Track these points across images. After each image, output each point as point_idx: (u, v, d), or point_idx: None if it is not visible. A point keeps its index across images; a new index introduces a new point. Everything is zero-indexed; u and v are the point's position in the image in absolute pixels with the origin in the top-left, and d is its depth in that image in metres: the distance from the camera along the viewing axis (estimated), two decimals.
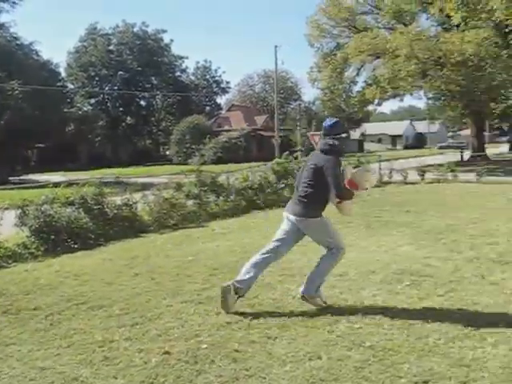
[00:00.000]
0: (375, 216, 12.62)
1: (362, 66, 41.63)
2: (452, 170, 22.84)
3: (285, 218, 6.00)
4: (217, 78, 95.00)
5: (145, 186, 15.09)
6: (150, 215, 12.87)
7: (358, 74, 43.44)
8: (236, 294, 5.69)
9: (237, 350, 4.67)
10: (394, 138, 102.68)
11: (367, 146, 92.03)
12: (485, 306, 5.64)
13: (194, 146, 63.09)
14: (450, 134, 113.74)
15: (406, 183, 22.72)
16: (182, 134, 66.08)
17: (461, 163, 37.38)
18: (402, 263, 7.65)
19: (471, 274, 6.95)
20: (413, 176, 23.41)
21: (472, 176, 22.39)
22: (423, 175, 23.19)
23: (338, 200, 5.80)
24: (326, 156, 5.69)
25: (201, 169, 15.50)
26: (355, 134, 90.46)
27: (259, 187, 16.51)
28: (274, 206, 15.65)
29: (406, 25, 37.27)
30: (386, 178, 23.65)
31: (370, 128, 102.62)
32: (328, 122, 5.92)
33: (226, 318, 5.56)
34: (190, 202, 14.17)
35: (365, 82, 42.60)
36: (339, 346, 4.66)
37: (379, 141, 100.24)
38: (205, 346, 4.80)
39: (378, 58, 37.64)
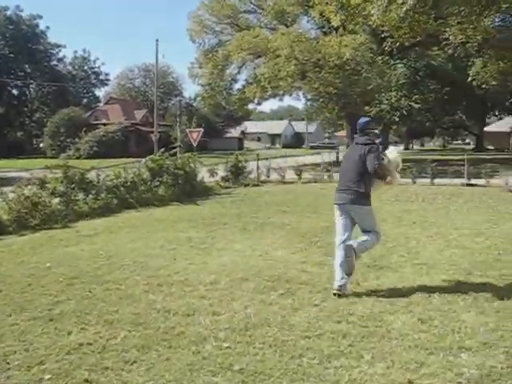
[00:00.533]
0: (251, 217, 12.28)
1: (243, 65, 41.58)
2: (327, 170, 23.12)
3: (338, 210, 6.65)
4: (95, 70, 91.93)
5: (5, 182, 13.82)
6: (9, 214, 11.69)
7: (239, 72, 43.38)
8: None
9: (87, 380, 4.01)
10: (274, 137, 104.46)
11: (247, 144, 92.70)
12: (360, 317, 5.35)
13: (68, 140, 60.48)
14: (327, 134, 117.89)
15: (284, 182, 22.77)
16: (57, 126, 63.09)
17: (336, 163, 38.45)
18: (277, 269, 7.29)
19: None
20: (290, 175, 23.50)
21: None
22: (300, 175, 23.33)
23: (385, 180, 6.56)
24: (368, 146, 6.50)
25: (68, 164, 14.43)
26: (235, 132, 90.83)
27: (132, 185, 15.70)
28: (148, 204, 14.97)
29: (287, 26, 37.77)
30: (263, 177, 23.57)
31: (250, 126, 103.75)
32: (363, 119, 6.96)
33: (78, 338, 4.85)
34: (55, 201, 13.09)
35: (246, 80, 42.74)
36: (204, 371, 4.12)
37: (259, 139, 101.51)
38: (48, 376, 4.09)
39: (260, 57, 37.73)
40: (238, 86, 44.19)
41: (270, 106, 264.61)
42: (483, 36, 21.56)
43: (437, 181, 21.31)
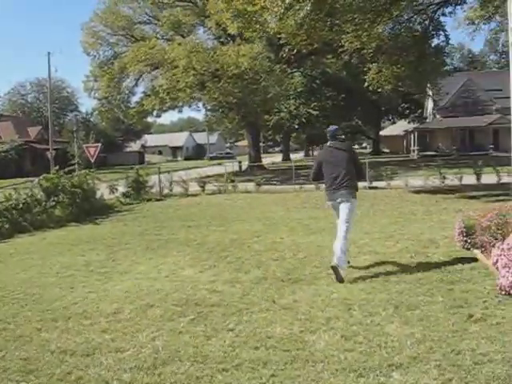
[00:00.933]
0: (155, 234, 11.65)
1: (140, 77, 40.61)
2: (232, 181, 22.79)
3: (337, 205, 7.46)
4: None
5: None
6: None
7: (136, 85, 42.39)
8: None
9: None
10: (175, 150, 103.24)
11: (149, 157, 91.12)
12: (279, 340, 4.90)
13: None
14: (228, 144, 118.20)
15: (188, 195, 22.19)
16: None
17: (240, 173, 38.29)
18: (185, 291, 6.74)
19: (261, 298, 6.25)
20: (194, 187, 22.96)
21: (251, 186, 22.51)
22: (203, 186, 22.83)
23: None
24: (353, 150, 7.97)
25: None
26: (135, 146, 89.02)
27: (25, 207, 14.64)
28: (44, 227, 14.01)
29: (184, 36, 37.30)
30: (166, 191, 22.88)
31: (150, 140, 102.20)
32: (333, 127, 7.87)
33: None
34: None
35: (144, 92, 41.77)
36: None
37: (160, 152, 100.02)
38: None
39: (157, 68, 36.95)
40: (135, 98, 43.10)
41: (169, 118, 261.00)
42: (377, 43, 22.00)
43: None
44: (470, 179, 20.41)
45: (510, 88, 8.35)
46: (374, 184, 21.27)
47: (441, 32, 21.47)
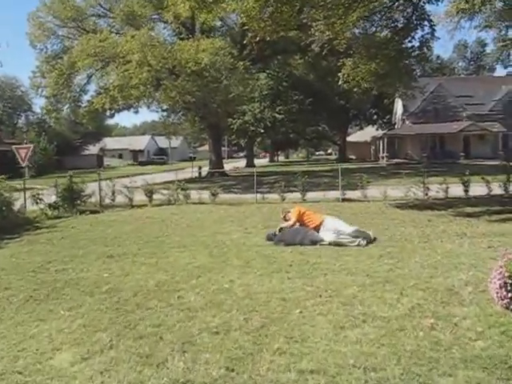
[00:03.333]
0: (57, 270, 8.39)
1: (94, 73, 36.97)
2: (183, 189, 19.62)
3: None
4: None
5: None
6: None
7: (88, 82, 38.73)
8: None
9: None
10: (136, 153, 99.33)
11: (108, 161, 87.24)
12: None
13: None
14: (192, 149, 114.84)
15: (132, 206, 19.02)
16: None
17: (199, 180, 35.24)
18: None
19: None
20: (141, 197, 19.77)
21: (207, 195, 19.38)
22: (151, 196, 19.62)
23: None
24: None
25: None
26: (94, 149, 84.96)
27: None
28: None
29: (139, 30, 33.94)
30: (108, 201, 19.62)
31: (110, 143, 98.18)
32: None
33: None
34: None
35: (96, 90, 38.19)
36: None
37: (120, 156, 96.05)
38: None
39: (109, 63, 33.55)
40: (87, 97, 39.43)
41: (133, 121, 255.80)
42: (352, 33, 19.21)
43: (309, 195, 18.61)
44: (456, 190, 17.72)
45: None
46: (348, 195, 18.43)
47: (425, 23, 18.61)
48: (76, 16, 37.19)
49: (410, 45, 19.54)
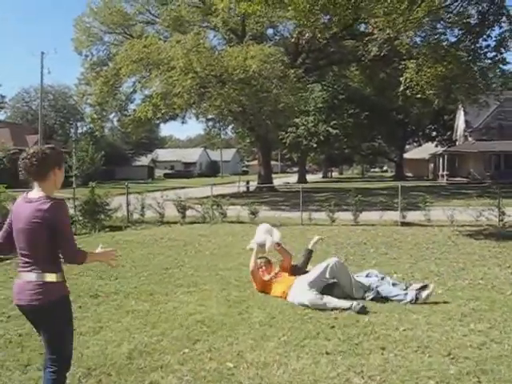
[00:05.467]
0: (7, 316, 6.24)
1: (138, 81, 35.42)
2: (218, 205, 17.34)
3: None
4: None
5: None
6: None
7: (134, 90, 37.23)
8: None
9: None
10: (188, 166, 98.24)
11: (160, 172, 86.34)
12: None
13: None
14: (245, 163, 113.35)
15: (163, 222, 16.93)
16: None
17: (246, 194, 33.08)
18: None
19: None
20: (175, 212, 17.64)
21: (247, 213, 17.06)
22: (184, 212, 17.46)
23: None
24: None
25: None
26: (146, 160, 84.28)
27: None
28: None
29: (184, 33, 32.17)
30: (137, 216, 17.59)
31: (163, 154, 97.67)
32: None
33: None
34: None
35: (143, 99, 36.59)
36: None
37: (172, 168, 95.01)
38: None
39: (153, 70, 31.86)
40: (133, 106, 37.94)
41: (187, 133, 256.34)
42: (416, 31, 16.71)
43: (362, 216, 16.04)
44: None
45: None
46: (408, 217, 15.76)
47: (503, 19, 15.89)
48: (123, 22, 35.98)
49: (484, 44, 16.88)
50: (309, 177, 64.99)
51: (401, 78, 16.90)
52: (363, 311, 6.02)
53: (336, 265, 6.74)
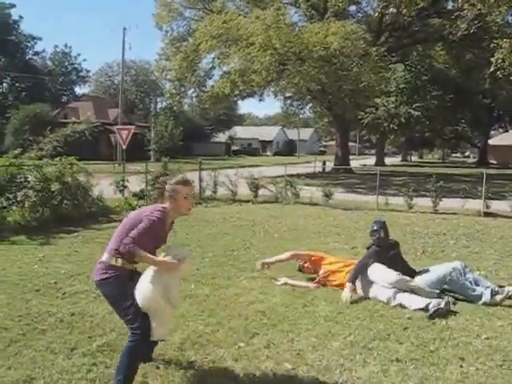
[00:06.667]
0: (69, 285, 6.02)
1: (217, 56, 35.19)
2: (291, 185, 16.86)
3: None
4: (76, 66, 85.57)
5: None
6: None
7: (213, 66, 37.07)
8: None
9: None
10: (265, 144, 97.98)
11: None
12: None
13: (31, 138, 54.30)
14: (323, 143, 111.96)
15: (234, 201, 16.66)
16: (20, 123, 56.94)
17: (321, 175, 32.47)
18: None
19: None
20: (247, 191, 17.35)
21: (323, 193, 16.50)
22: (256, 191, 17.11)
23: None
24: None
25: None
26: (223, 137, 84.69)
27: None
28: None
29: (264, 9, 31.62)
30: (208, 193, 17.40)
31: (240, 132, 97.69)
32: None
33: None
34: None
35: (220, 75, 36.44)
36: None
37: (249, 145, 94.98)
38: None
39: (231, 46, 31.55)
40: (212, 82, 37.81)
41: (265, 111, 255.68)
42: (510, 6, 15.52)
43: (443, 204, 15.14)
44: None
45: None
46: (492, 206, 14.74)
47: None
48: None
49: None
50: (387, 160, 63.39)
51: (492, 59, 15.76)
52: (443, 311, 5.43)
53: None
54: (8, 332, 4.71)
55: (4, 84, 77.80)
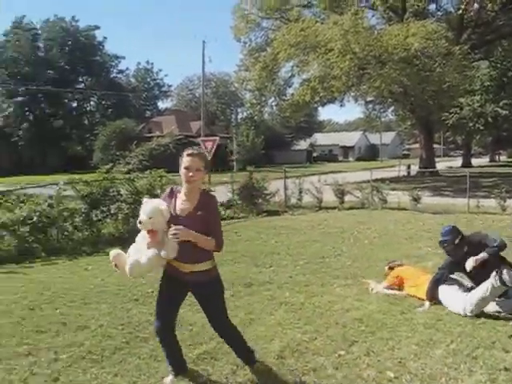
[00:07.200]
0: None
1: (295, 65, 35.30)
2: (378, 190, 16.60)
3: None
4: (158, 81, 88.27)
5: None
6: None
7: (293, 74, 37.19)
8: None
9: None
10: (346, 150, 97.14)
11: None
12: None
13: (118, 153, 56.39)
14: (407, 146, 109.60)
15: (320, 208, 16.61)
16: (108, 139, 59.31)
17: (406, 179, 31.84)
18: None
19: None
20: (332, 197, 17.25)
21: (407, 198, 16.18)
22: (342, 198, 16.99)
23: None
24: None
25: None
26: (304, 145, 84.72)
27: (52, 221, 10.08)
28: (76, 251, 9.36)
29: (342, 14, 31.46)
30: (294, 201, 17.43)
31: (321, 138, 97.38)
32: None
33: None
34: None
35: (299, 82, 36.50)
36: None
37: (330, 152, 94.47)
38: None
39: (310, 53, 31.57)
40: (291, 90, 37.95)
41: (345, 117, 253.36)
42: None
43: None
44: None
45: None
46: None
47: None
48: (279, 6, 36.02)
49: None
50: (474, 160, 61.37)
51: None
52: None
53: None
54: (112, 340, 4.88)
55: (91, 102, 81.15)
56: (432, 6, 37.67)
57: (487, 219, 12.98)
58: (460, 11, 31.43)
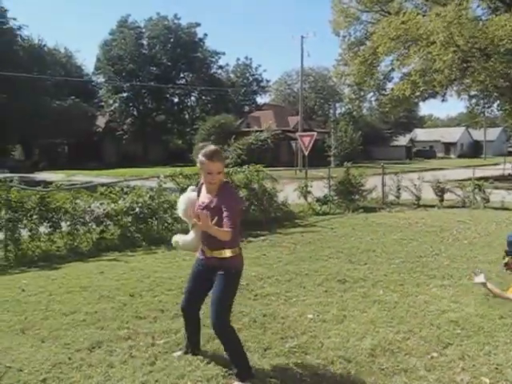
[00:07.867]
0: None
1: (395, 58, 34.52)
2: (480, 189, 15.98)
3: None
4: (257, 77, 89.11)
5: None
6: None
7: (393, 68, 36.39)
8: None
9: None
10: (448, 146, 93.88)
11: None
12: None
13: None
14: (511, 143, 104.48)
15: (419, 205, 16.25)
16: (208, 133, 60.58)
17: (511, 177, 30.40)
18: None
19: None
20: (431, 195, 16.83)
21: None
22: (442, 196, 16.50)
23: None
24: None
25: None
26: (403, 140, 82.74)
27: (150, 213, 10.51)
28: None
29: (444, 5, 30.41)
30: (392, 198, 17.12)
31: (421, 134, 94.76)
32: None
33: None
34: None
35: (400, 76, 35.67)
36: None
37: (431, 148, 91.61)
38: None
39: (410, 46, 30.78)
40: (391, 84, 37.14)
41: (447, 112, 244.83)
42: None
43: None
44: None
45: None
46: None
47: None
48: None
49: None
50: None
51: None
52: None
53: None
54: (207, 328, 5.03)
55: (192, 98, 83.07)
56: None
57: None
58: None
